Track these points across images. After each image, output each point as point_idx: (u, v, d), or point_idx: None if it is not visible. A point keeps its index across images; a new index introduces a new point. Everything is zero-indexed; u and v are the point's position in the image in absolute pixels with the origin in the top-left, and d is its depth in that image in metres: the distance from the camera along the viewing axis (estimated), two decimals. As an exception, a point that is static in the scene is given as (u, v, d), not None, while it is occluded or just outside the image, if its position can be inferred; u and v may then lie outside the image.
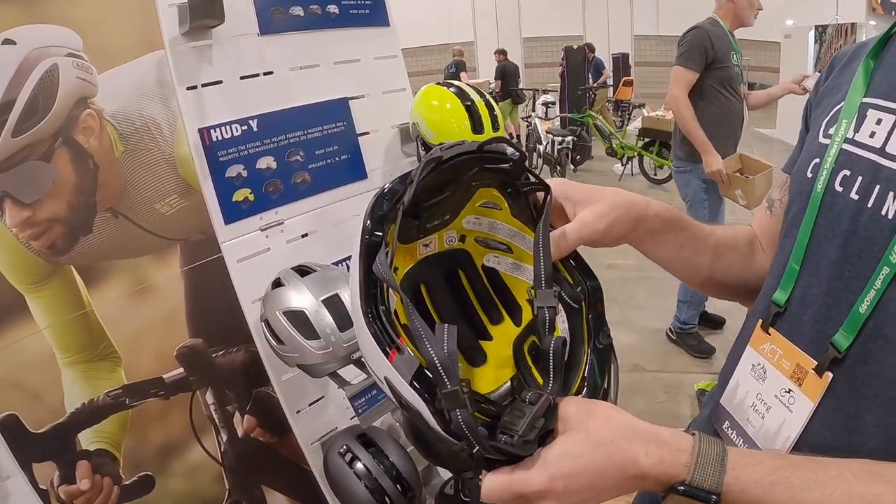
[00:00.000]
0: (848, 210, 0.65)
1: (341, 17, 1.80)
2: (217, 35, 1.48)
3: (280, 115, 1.62)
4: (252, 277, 1.48)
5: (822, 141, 0.73)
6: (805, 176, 0.73)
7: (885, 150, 0.64)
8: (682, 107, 3.14)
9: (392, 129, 1.95)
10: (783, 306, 0.72)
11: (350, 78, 1.83)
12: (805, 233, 0.70)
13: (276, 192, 1.58)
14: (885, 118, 0.66)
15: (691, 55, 3.10)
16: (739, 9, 3.14)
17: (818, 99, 0.82)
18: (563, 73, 9.69)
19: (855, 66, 0.74)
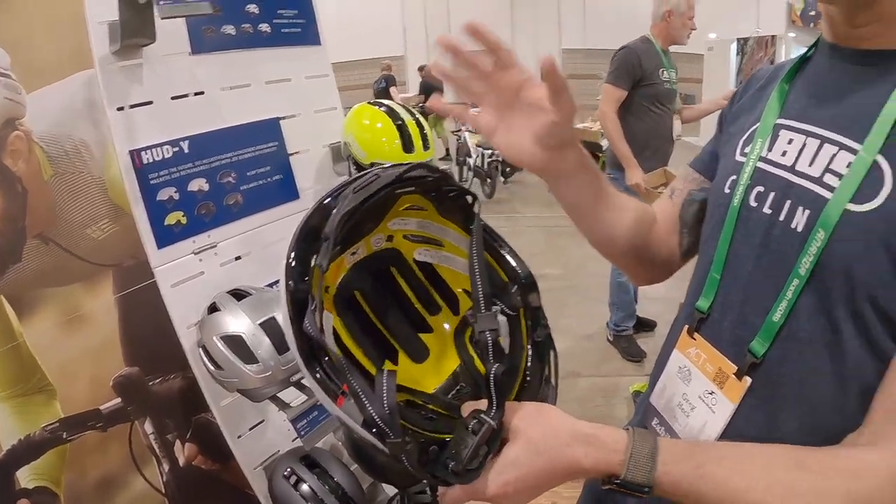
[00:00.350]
0: (762, 224, 0.72)
1: (273, 36, 1.81)
2: (148, 54, 1.47)
3: (211, 136, 1.61)
4: (186, 302, 1.47)
5: (738, 159, 0.80)
6: (723, 191, 0.80)
7: (795, 168, 0.71)
8: (609, 122, 3.32)
9: (323, 148, 1.97)
10: (706, 312, 0.79)
11: (281, 97, 1.84)
12: (724, 244, 0.77)
13: (208, 215, 1.58)
14: (795, 138, 0.73)
15: (619, 74, 3.28)
16: (672, 28, 3.31)
17: (735, 113, 0.89)
18: (493, 85, 9.89)
19: (771, 88, 0.82)
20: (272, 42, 1.81)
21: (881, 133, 0.64)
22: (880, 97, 0.66)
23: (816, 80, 0.77)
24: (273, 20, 1.81)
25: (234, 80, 1.70)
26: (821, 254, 0.64)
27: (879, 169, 0.63)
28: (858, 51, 0.71)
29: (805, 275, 0.65)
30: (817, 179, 0.68)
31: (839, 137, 0.68)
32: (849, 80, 0.71)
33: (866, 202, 0.63)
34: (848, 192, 0.64)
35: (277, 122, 1.81)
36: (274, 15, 1.81)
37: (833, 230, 0.64)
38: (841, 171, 0.66)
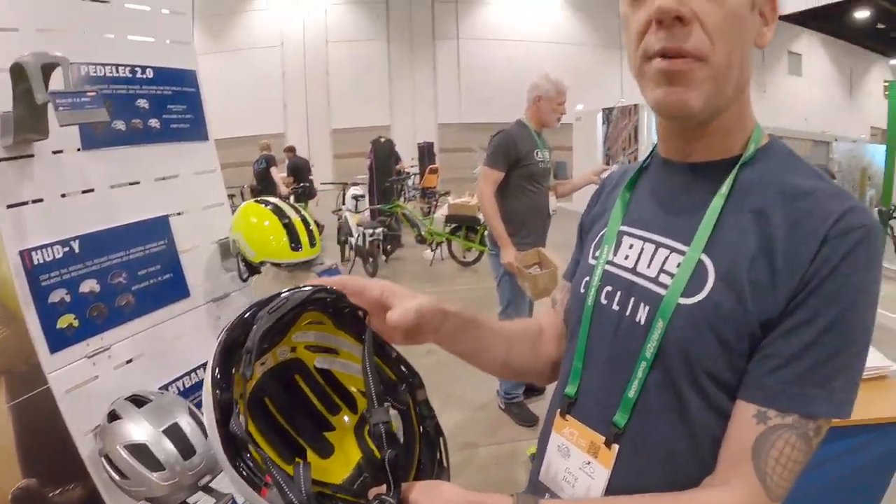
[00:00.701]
0: (612, 319, 0.86)
1: (162, 132, 1.86)
2: (38, 149, 1.49)
3: (102, 235, 1.63)
4: (82, 408, 1.47)
5: (590, 262, 0.94)
6: (580, 291, 0.94)
7: (636, 270, 0.85)
8: (486, 203, 3.54)
9: (212, 244, 2.02)
10: (574, 397, 0.91)
11: (170, 194, 1.89)
12: (583, 338, 0.90)
13: (100, 317, 1.58)
14: (635, 243, 0.87)
15: (497, 157, 3.51)
16: (543, 113, 3.61)
17: (591, 220, 1.06)
18: (371, 165, 10.12)
19: (617, 193, 0.99)
20: (161, 138, 1.88)
21: (704, 235, 0.78)
22: (703, 203, 0.80)
23: (652, 191, 0.92)
24: (163, 115, 1.88)
25: (124, 178, 1.75)
26: (661, 340, 0.77)
27: (704, 266, 0.77)
28: (687, 164, 0.86)
29: (651, 357, 0.78)
30: (654, 279, 0.82)
31: (670, 242, 0.82)
32: (678, 190, 0.86)
33: (694, 295, 0.76)
34: (679, 288, 0.77)
35: (167, 220, 1.85)
36: (164, 110, 1.89)
37: (669, 320, 0.77)
38: (672, 271, 0.80)
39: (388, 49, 21.96)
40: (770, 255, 0.73)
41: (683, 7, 0.72)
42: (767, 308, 0.72)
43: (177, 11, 1.98)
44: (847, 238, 0.71)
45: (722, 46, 0.74)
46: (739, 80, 0.79)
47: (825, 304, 0.70)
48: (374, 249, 7.56)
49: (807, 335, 0.71)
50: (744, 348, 0.74)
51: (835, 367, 0.71)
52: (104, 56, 1.71)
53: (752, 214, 0.77)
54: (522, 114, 3.72)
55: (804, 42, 28.05)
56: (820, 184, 0.77)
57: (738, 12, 0.74)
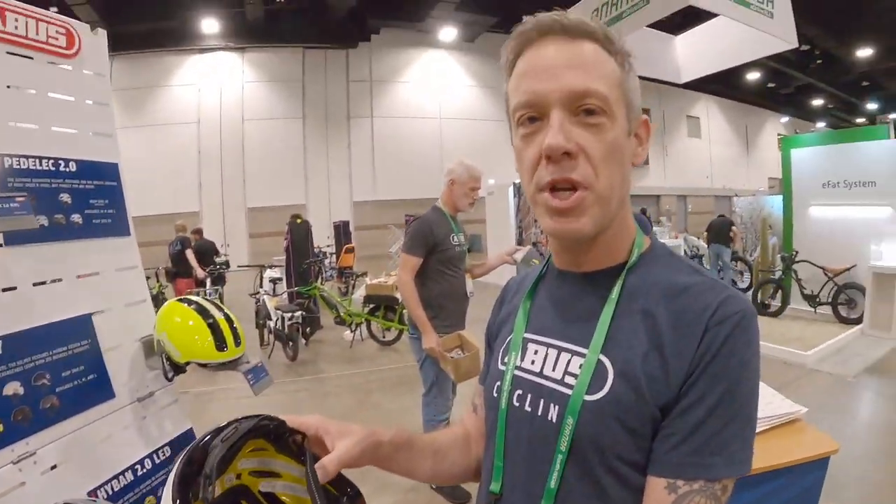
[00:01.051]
0: (526, 419, 0.94)
1: (84, 228, 1.86)
2: (-41, 244, 1.47)
3: (25, 335, 1.62)
4: (8, 518, 1.40)
5: (500, 367, 1.03)
6: (493, 395, 1.02)
7: (542, 373, 0.94)
8: (406, 290, 3.61)
9: (135, 342, 2.00)
10: (499, 493, 0.98)
11: (92, 291, 1.88)
12: (500, 438, 0.98)
13: (25, 421, 1.56)
14: (539, 349, 0.97)
15: (414, 243, 3.61)
16: (456, 197, 3.73)
17: (497, 326, 1.16)
18: (288, 247, 10.08)
19: (519, 300, 1.08)
20: (83, 234, 1.87)
21: (600, 338, 0.88)
22: (596, 309, 0.91)
23: (550, 299, 1.02)
24: (85, 210, 1.88)
25: (46, 275, 1.74)
26: (573, 434, 0.86)
27: (603, 365, 0.86)
28: (578, 274, 0.98)
29: (565, 451, 0.87)
30: (560, 381, 0.91)
31: (571, 346, 0.92)
32: (574, 298, 0.97)
33: (597, 392, 0.85)
34: (583, 387, 0.87)
35: (89, 318, 1.84)
36: (86, 205, 1.88)
37: (578, 417, 0.86)
38: (576, 372, 0.89)
39: (303, 127, 22.31)
40: (660, 349, 0.85)
41: (570, 143, 0.84)
42: (663, 395, 0.83)
43: (100, 102, 1.99)
44: (724, 325, 0.83)
45: (605, 174, 0.86)
46: (621, 198, 0.92)
47: (712, 383, 0.81)
48: (293, 333, 7.48)
49: (700, 412, 0.81)
50: (647, 432, 0.83)
51: (729, 434, 0.81)
52: (27, 147, 1.72)
53: (640, 315, 0.89)
54: (438, 197, 3.84)
55: (701, 105, 30.32)
56: (697, 279, 0.90)
57: (617, 142, 0.88)
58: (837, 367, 6.52)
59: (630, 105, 0.90)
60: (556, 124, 0.84)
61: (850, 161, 8.66)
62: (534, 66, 0.88)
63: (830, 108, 32.05)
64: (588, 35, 0.88)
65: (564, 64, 0.86)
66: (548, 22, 0.88)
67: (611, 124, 0.86)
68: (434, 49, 23.94)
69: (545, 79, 0.86)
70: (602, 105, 0.85)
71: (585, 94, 0.84)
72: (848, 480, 3.71)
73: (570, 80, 0.85)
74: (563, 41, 0.87)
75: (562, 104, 0.85)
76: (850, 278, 8.47)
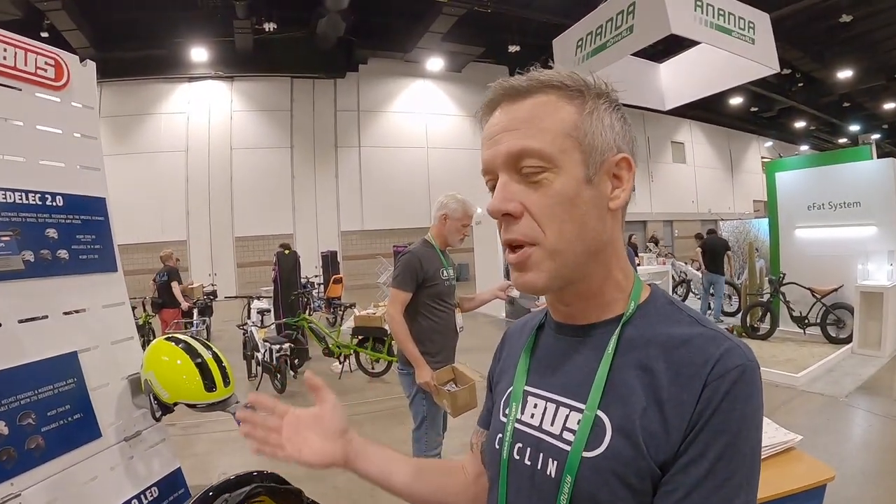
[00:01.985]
0: (526, 472, 0.93)
1: (71, 264, 1.83)
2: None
3: (10, 374, 1.59)
4: (-9, 566, 1.36)
5: (501, 419, 1.02)
6: (494, 447, 1.01)
7: (542, 427, 0.93)
8: (395, 325, 3.55)
9: (122, 380, 1.97)
10: None
11: (78, 329, 1.85)
12: (502, 489, 0.97)
13: (10, 461, 1.52)
14: (539, 403, 0.96)
15: (404, 278, 3.54)
16: (447, 232, 3.70)
17: (499, 373, 1.16)
18: (276, 278, 10.03)
19: (520, 350, 1.09)
20: (70, 269, 1.84)
21: (597, 394, 0.87)
22: (592, 363, 0.90)
23: (549, 352, 1.01)
24: (72, 245, 1.84)
25: (31, 311, 1.71)
26: (572, 491, 0.85)
27: (601, 420, 0.85)
28: (574, 326, 0.96)
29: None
30: (558, 436, 0.90)
31: (569, 401, 0.91)
32: (572, 351, 0.96)
33: (595, 448, 0.84)
34: (581, 443, 0.86)
35: (76, 356, 1.80)
36: (73, 240, 1.85)
37: (576, 473, 0.85)
38: (574, 428, 0.88)
39: (291, 156, 22.34)
40: (659, 405, 0.84)
41: (509, 204, 0.87)
42: (662, 451, 0.82)
43: (88, 136, 1.98)
44: (725, 379, 0.82)
45: (552, 227, 0.87)
46: (589, 248, 0.90)
47: (713, 437, 0.80)
48: (281, 365, 7.40)
49: (702, 467, 0.79)
50: (647, 488, 0.83)
51: (733, 487, 0.80)
52: (13, 181, 1.69)
53: (638, 370, 0.87)
54: (427, 228, 3.80)
55: (685, 131, 30.70)
56: (697, 329, 0.89)
57: (565, 195, 0.87)
58: (829, 387, 6.54)
59: (590, 150, 0.88)
60: (497, 189, 0.89)
61: (834, 183, 8.78)
62: (484, 136, 0.93)
63: (813, 130, 32.51)
64: (537, 88, 0.89)
65: (501, 129, 0.89)
66: (496, 89, 0.92)
67: (555, 177, 0.86)
68: (421, 79, 24.11)
69: (490, 145, 0.90)
70: (540, 161, 0.86)
71: (521, 153, 0.86)
72: (844, 501, 3.69)
73: (505, 145, 0.88)
74: (508, 105, 0.90)
75: (505, 167, 0.88)
76: (837, 298, 8.52)
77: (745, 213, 25.90)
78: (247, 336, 8.36)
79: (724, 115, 29.87)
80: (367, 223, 23.06)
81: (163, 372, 1.85)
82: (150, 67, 20.06)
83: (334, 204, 22.98)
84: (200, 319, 10.01)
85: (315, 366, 9.11)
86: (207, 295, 11.91)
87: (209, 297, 11.51)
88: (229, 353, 1.96)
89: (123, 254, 2.05)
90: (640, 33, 5.41)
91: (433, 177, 23.86)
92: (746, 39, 5.51)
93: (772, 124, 32.03)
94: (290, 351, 7.67)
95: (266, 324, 8.48)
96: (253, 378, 8.12)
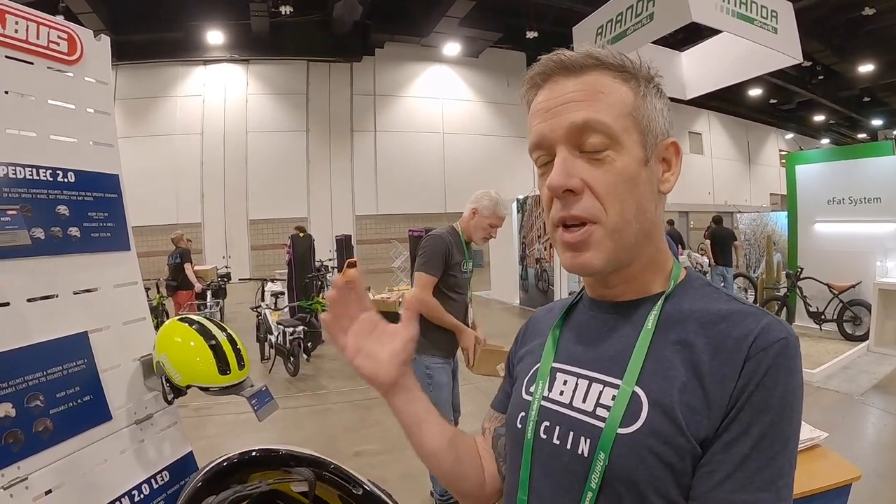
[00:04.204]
0: (554, 452, 0.89)
1: (82, 242, 1.78)
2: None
3: (18, 354, 1.54)
4: (-4, 547, 1.34)
5: (525, 397, 0.98)
6: (516, 426, 0.97)
7: (572, 405, 0.89)
8: (430, 305, 3.48)
9: (134, 362, 1.92)
10: None
11: (89, 308, 1.80)
12: (525, 471, 0.93)
13: (17, 444, 1.48)
14: (569, 379, 0.92)
15: (432, 262, 3.47)
16: (473, 228, 3.63)
17: (520, 356, 1.11)
18: (290, 260, 10.03)
19: (547, 330, 1.05)
20: (81, 248, 1.78)
21: (635, 369, 0.84)
22: (630, 339, 0.88)
23: (581, 329, 0.98)
24: (83, 223, 1.79)
25: (40, 290, 1.66)
26: (604, 470, 0.81)
27: (637, 396, 0.82)
28: (612, 303, 0.94)
29: (596, 488, 0.82)
30: (591, 413, 0.86)
31: (602, 376, 0.88)
32: (606, 328, 0.93)
33: (632, 425, 0.81)
34: (616, 420, 0.82)
35: (86, 336, 1.75)
36: (84, 217, 1.80)
37: (611, 451, 0.81)
38: (608, 404, 0.85)
39: (306, 140, 22.32)
40: (699, 379, 0.80)
41: (571, 180, 0.84)
42: (703, 427, 0.78)
43: (102, 111, 1.93)
44: (768, 352, 0.79)
45: (614, 207, 0.84)
46: (643, 229, 0.88)
47: (757, 414, 0.77)
48: (294, 348, 7.41)
49: (745, 446, 0.76)
50: (686, 467, 0.79)
51: (776, 468, 0.77)
52: (24, 156, 1.64)
53: (677, 346, 0.84)
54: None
55: (703, 121, 30.38)
56: (736, 305, 0.86)
57: (627, 172, 0.85)
58: (845, 384, 6.45)
59: (646, 131, 0.88)
60: (558, 163, 0.85)
61: (855, 177, 8.63)
62: (540, 108, 0.89)
63: (832, 124, 32.11)
64: (593, 65, 0.88)
65: (567, 99, 0.86)
66: (548, 63, 0.89)
67: (617, 155, 0.85)
68: (438, 64, 23.97)
69: (549, 117, 0.87)
70: (604, 138, 0.84)
71: (585, 126, 0.84)
72: (862, 499, 3.63)
73: (569, 116, 0.85)
74: (565, 78, 0.88)
75: (565, 141, 0.86)
76: (855, 295, 8.40)
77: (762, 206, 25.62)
78: (260, 319, 8.38)
79: (743, 106, 29.52)
80: (382, 208, 23.04)
81: (175, 354, 1.79)
82: (165, 50, 20.06)
83: (349, 188, 22.96)
84: (214, 301, 10.03)
85: (328, 349, 9.13)
86: (221, 277, 11.93)
87: (223, 280, 11.53)
88: (242, 335, 1.92)
89: (138, 236, 2.01)
90: (660, 21, 5.32)
91: (449, 162, 23.80)
92: (769, 28, 5.40)
93: (791, 117, 31.64)
94: (304, 334, 7.67)
95: (280, 307, 8.47)
96: (266, 360, 8.14)
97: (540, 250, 12.51)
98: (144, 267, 1.99)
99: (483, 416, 1.18)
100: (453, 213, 17.24)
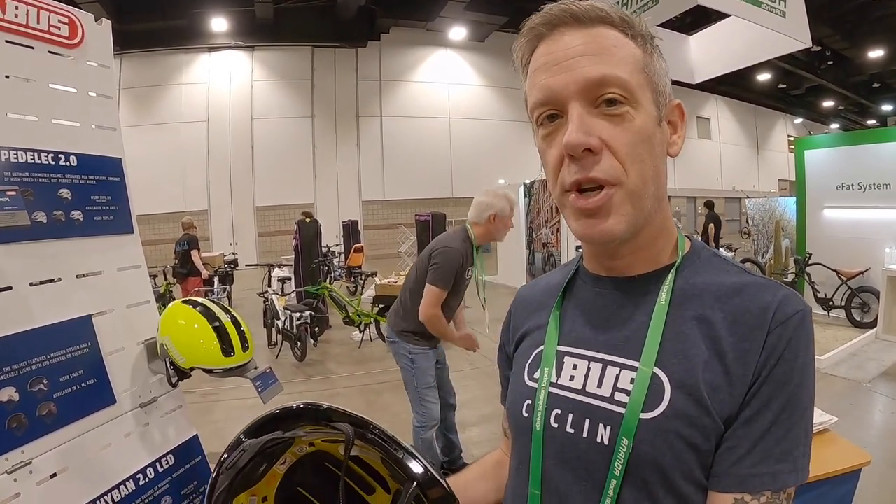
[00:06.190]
0: (569, 441, 0.84)
1: (85, 225, 1.76)
2: (-50, 242, 1.40)
3: (20, 337, 1.52)
4: (1, 531, 1.34)
5: (529, 384, 0.93)
6: (521, 415, 0.92)
7: (585, 390, 0.85)
8: (438, 324, 3.49)
9: (138, 345, 1.91)
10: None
11: (93, 292, 1.78)
12: (537, 463, 0.88)
13: (20, 428, 1.47)
14: (579, 364, 0.88)
15: (446, 277, 3.44)
16: (495, 230, 3.59)
17: (516, 338, 1.06)
18: (297, 246, 10.04)
19: (542, 309, 1.00)
20: (84, 231, 1.77)
21: (653, 348, 0.80)
22: (643, 316, 0.83)
23: (586, 308, 0.93)
24: (86, 207, 1.77)
25: (43, 274, 1.64)
26: (629, 457, 0.78)
27: (658, 378, 0.79)
28: (619, 279, 0.89)
29: (620, 475, 0.78)
30: (609, 398, 0.82)
31: (617, 359, 0.84)
32: (615, 305, 0.88)
33: (655, 409, 0.78)
34: (638, 404, 0.78)
35: (90, 320, 1.74)
36: (87, 201, 1.78)
37: (634, 436, 0.77)
38: (627, 388, 0.81)
39: (312, 126, 22.26)
40: (721, 356, 0.78)
41: (591, 138, 0.77)
42: (727, 405, 0.77)
43: (104, 95, 1.91)
44: (787, 326, 0.77)
45: (634, 168, 0.79)
46: (658, 193, 0.83)
47: (777, 388, 0.76)
48: (301, 333, 7.41)
49: (766, 420, 0.76)
50: (711, 447, 0.77)
51: (793, 439, 0.76)
52: (26, 140, 1.63)
53: (695, 321, 0.81)
54: (469, 223, 3.67)
55: (711, 106, 30.15)
56: (748, 278, 0.84)
57: (646, 131, 0.80)
58: (852, 371, 6.42)
59: (657, 89, 0.83)
60: (575, 119, 0.78)
61: (864, 163, 8.53)
62: (547, 61, 0.82)
63: (841, 110, 31.81)
64: (602, 20, 0.81)
65: (578, 53, 0.79)
66: (556, 13, 0.82)
67: (636, 112, 0.79)
68: (444, 48, 23.81)
69: (559, 71, 0.79)
70: (623, 92, 0.78)
71: (603, 81, 0.78)
72: (868, 485, 3.62)
73: (585, 70, 0.78)
74: (575, 29, 0.81)
75: (580, 96, 0.79)
76: (863, 282, 8.34)
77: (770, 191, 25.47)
78: (267, 304, 8.40)
79: (752, 91, 29.26)
80: (389, 193, 23.00)
81: (179, 336, 1.78)
82: (169, 38, 19.96)
83: (356, 173, 22.92)
84: (221, 288, 10.06)
85: (335, 334, 9.15)
86: (228, 264, 11.94)
87: (230, 266, 11.54)
88: (250, 320, 1.90)
89: (145, 224, 1.99)
90: (665, 4, 5.25)
91: (455, 147, 23.68)
92: (777, 12, 5.31)
93: (799, 102, 31.35)
94: (311, 319, 7.68)
95: (286, 292, 8.49)
96: (273, 346, 8.16)
97: (547, 235, 12.49)
98: (152, 254, 1.99)
99: (482, 409, 1.16)
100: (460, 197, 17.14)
